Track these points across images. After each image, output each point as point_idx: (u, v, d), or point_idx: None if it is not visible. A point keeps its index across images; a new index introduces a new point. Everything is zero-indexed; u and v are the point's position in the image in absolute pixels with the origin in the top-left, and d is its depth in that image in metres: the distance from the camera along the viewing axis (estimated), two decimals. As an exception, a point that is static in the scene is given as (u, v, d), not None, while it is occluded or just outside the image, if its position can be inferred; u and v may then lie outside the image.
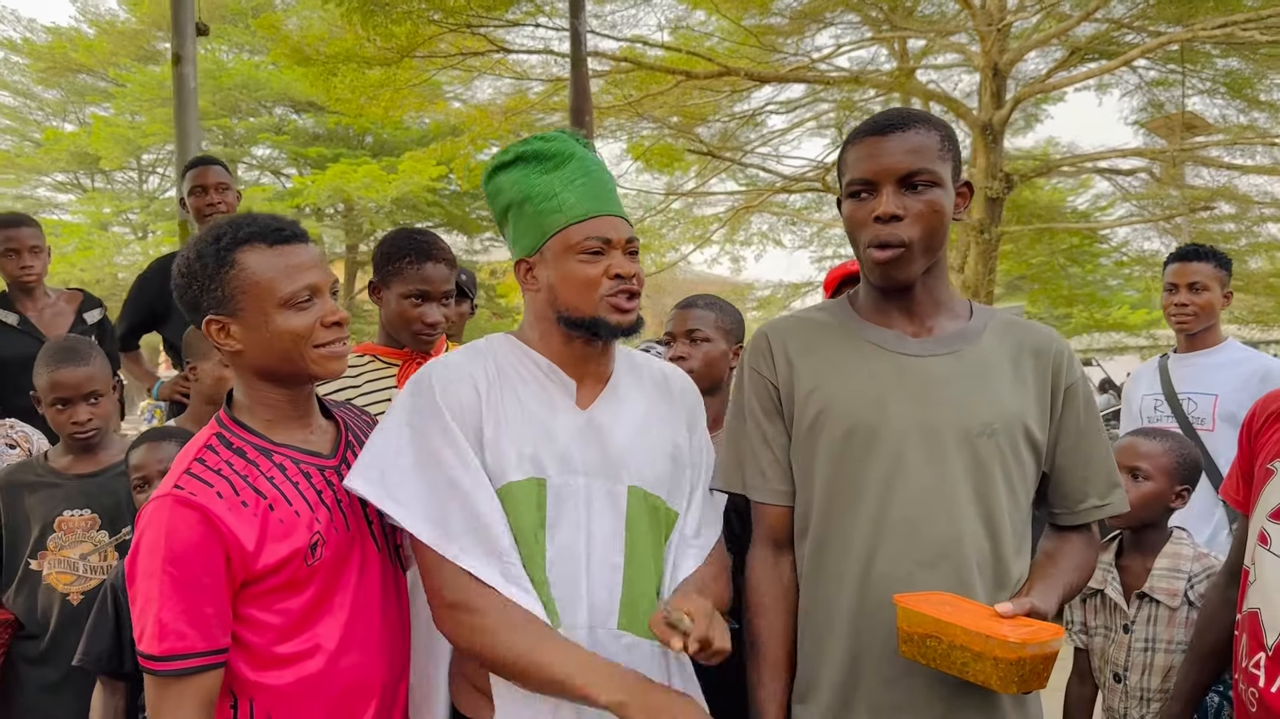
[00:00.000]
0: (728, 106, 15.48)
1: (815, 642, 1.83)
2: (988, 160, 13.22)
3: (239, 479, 1.67)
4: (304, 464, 1.76)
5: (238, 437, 1.75)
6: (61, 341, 2.74)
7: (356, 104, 13.21)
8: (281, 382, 1.77)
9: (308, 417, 1.83)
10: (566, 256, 1.77)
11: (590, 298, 1.77)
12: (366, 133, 21.11)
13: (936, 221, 1.75)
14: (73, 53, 21.64)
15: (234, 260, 1.70)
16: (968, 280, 13.65)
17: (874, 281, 1.84)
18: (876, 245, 1.75)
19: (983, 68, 13.32)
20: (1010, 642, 1.47)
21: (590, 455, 1.78)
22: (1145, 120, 14.93)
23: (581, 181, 1.79)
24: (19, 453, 2.98)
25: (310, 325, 1.72)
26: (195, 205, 4.12)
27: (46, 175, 24.02)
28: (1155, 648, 2.45)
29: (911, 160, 1.73)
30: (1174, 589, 2.43)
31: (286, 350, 1.71)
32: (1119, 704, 2.51)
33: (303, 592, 1.69)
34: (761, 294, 20.05)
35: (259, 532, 1.64)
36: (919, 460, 1.75)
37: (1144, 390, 3.68)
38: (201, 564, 1.59)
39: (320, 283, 1.74)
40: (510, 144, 1.86)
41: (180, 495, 1.61)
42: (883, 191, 1.74)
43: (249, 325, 1.71)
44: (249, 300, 1.70)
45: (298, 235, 1.76)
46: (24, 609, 2.60)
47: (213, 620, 1.61)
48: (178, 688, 1.58)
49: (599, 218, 1.78)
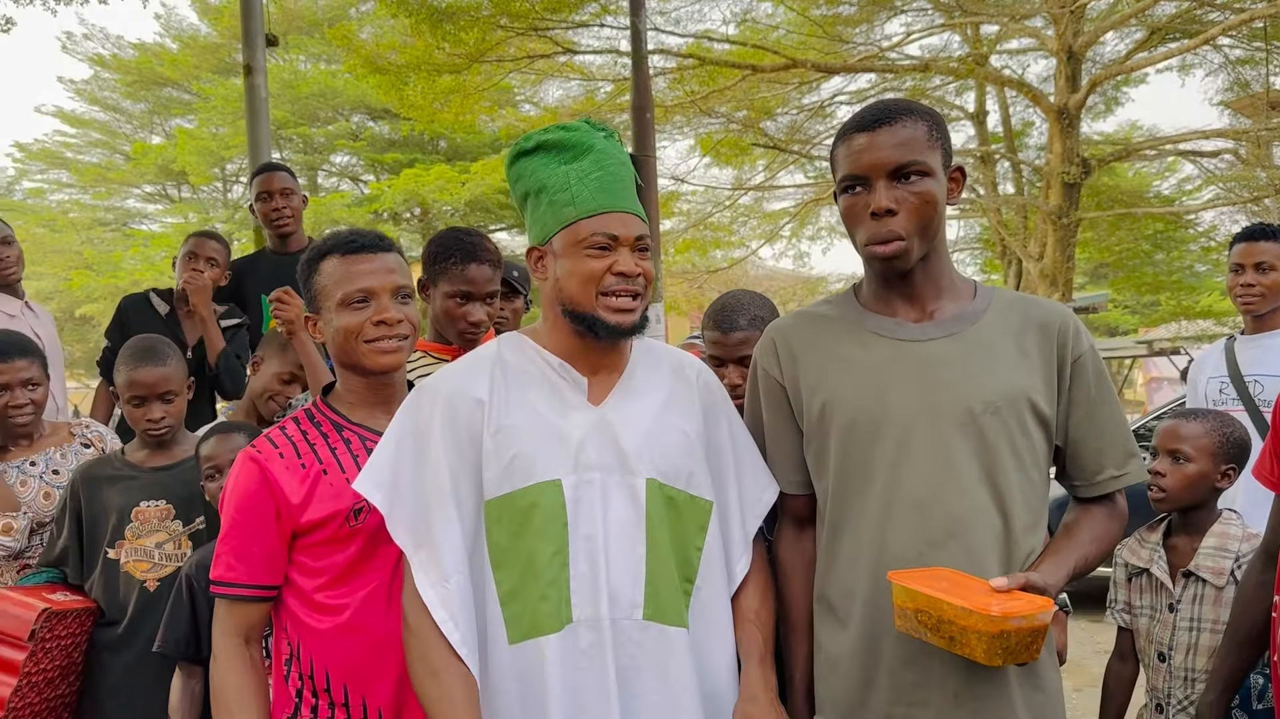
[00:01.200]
0: (796, 99, 15.40)
1: (835, 623, 1.88)
2: (1064, 145, 12.95)
3: (305, 445, 1.96)
4: (370, 442, 1.97)
5: (321, 414, 2.04)
6: (145, 340, 2.86)
7: (429, 110, 13.45)
8: (353, 369, 2.02)
9: (390, 404, 2.02)
10: (574, 250, 1.79)
11: (590, 293, 1.78)
12: (440, 138, 21.42)
13: (930, 211, 1.78)
14: (158, 67, 22.33)
15: (318, 268, 2.03)
16: (1046, 269, 13.39)
17: (876, 273, 1.88)
18: (875, 241, 1.79)
19: (1057, 51, 13.06)
20: (992, 614, 1.50)
21: (605, 452, 1.80)
22: (1230, 100, 14.49)
23: (596, 175, 1.80)
24: (93, 452, 3.12)
25: (360, 323, 1.96)
26: (262, 211, 4.24)
27: (136, 187, 24.82)
28: (1200, 627, 2.42)
29: (900, 154, 1.76)
30: (1220, 568, 2.41)
31: (344, 344, 1.98)
32: (1163, 684, 2.49)
33: (345, 549, 1.91)
34: (835, 287, 19.91)
35: (308, 490, 1.91)
36: (924, 443, 1.79)
37: (1209, 373, 3.59)
38: (254, 511, 1.91)
39: (376, 287, 1.97)
40: (534, 131, 1.88)
41: (250, 452, 1.94)
42: (875, 186, 1.77)
43: (325, 321, 2.02)
44: (322, 300, 2.02)
45: (368, 246, 2.01)
46: (104, 596, 2.72)
47: (259, 560, 1.92)
48: (225, 608, 1.94)
49: (608, 214, 1.79)
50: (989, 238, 18.84)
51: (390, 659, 1.88)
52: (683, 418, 1.90)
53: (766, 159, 16.39)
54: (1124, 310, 23.98)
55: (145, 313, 4.00)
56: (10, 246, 3.89)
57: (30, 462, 3.01)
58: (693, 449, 1.88)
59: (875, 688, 1.81)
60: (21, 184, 25.68)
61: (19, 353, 2.97)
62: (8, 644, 2.51)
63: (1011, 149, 16.64)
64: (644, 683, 1.75)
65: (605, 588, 1.75)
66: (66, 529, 2.77)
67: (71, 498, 2.77)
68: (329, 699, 1.90)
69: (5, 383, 2.93)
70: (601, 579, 1.75)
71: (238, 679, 1.88)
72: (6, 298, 3.88)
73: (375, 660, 1.90)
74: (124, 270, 20.61)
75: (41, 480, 2.99)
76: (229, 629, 1.92)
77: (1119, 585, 2.64)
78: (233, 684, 1.88)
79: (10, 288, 3.92)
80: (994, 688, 1.75)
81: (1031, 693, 1.79)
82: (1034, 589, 1.62)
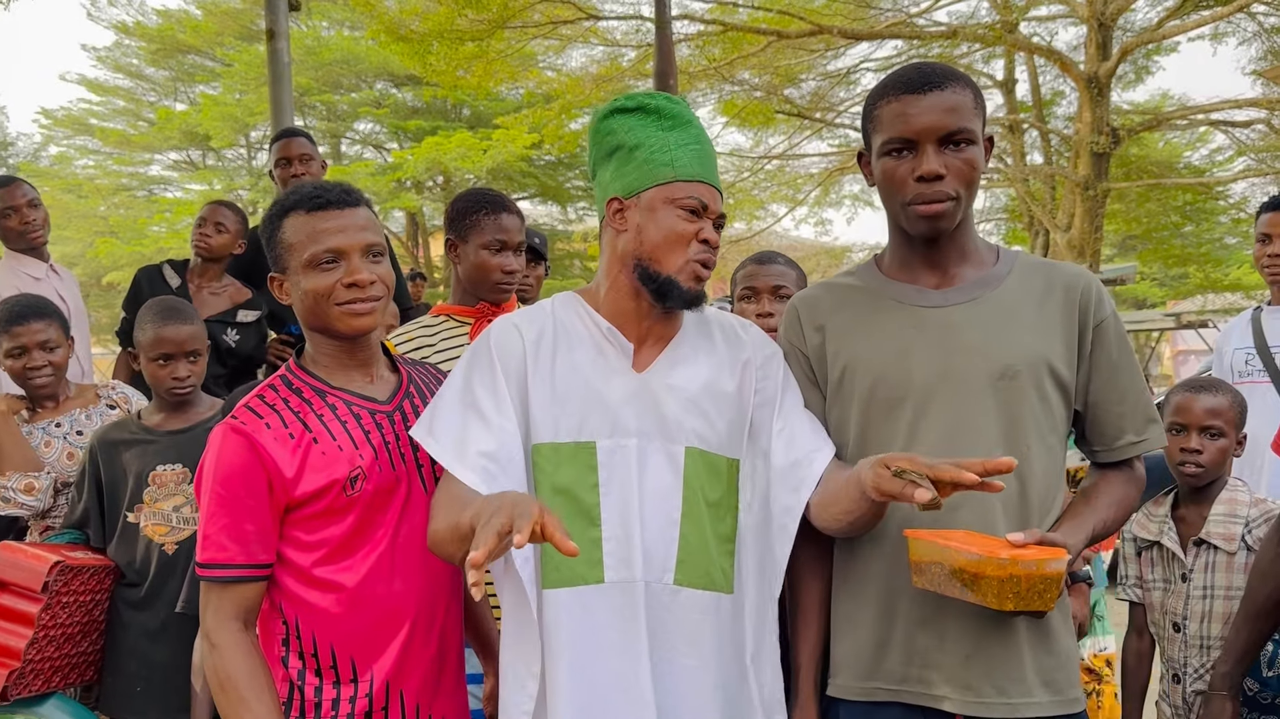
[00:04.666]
0: (820, 65, 15.23)
1: (854, 586, 1.89)
2: (1093, 114, 12.77)
3: (290, 414, 1.84)
4: (355, 406, 1.90)
5: (299, 379, 1.92)
6: (166, 300, 2.89)
7: (453, 76, 13.38)
8: (324, 333, 1.90)
9: (368, 366, 1.96)
10: (666, 208, 1.82)
11: (676, 254, 1.82)
12: (463, 105, 21.34)
13: (974, 177, 1.81)
14: (180, 34, 22.26)
15: (281, 224, 1.88)
16: (1073, 240, 13.24)
17: (916, 234, 1.86)
18: (922, 201, 1.79)
19: (1088, 18, 12.85)
20: (1000, 558, 1.54)
21: (645, 419, 1.82)
22: (1264, 69, 14.21)
23: (694, 147, 1.86)
24: (118, 413, 3.14)
25: (330, 285, 1.83)
26: (281, 176, 4.26)
27: (160, 154, 24.88)
28: (1214, 594, 2.45)
29: (952, 119, 1.76)
30: (1231, 534, 2.44)
31: (313, 307, 1.86)
32: (1178, 654, 2.51)
33: (342, 520, 1.83)
34: (859, 255, 19.77)
35: (300, 461, 1.81)
36: (943, 407, 1.81)
37: (1235, 344, 3.58)
38: (244, 485, 1.78)
39: (345, 245, 1.83)
40: (631, 94, 1.92)
41: (233, 424, 1.81)
42: (924, 150, 1.77)
43: (292, 283, 1.88)
44: (289, 260, 1.87)
45: (335, 201, 1.86)
46: (124, 558, 2.76)
47: (252, 537, 1.79)
48: (218, 593, 1.79)
49: (703, 183, 1.85)
50: (1015, 208, 18.64)
51: (394, 627, 1.86)
52: (731, 382, 1.90)
53: (789, 126, 16.24)
54: (1152, 283, 23.72)
55: (159, 285, 4.03)
56: (37, 210, 3.93)
57: (55, 423, 3.05)
58: (740, 416, 1.90)
59: (891, 648, 1.83)
60: (48, 150, 25.82)
61: (36, 315, 3.00)
62: (23, 596, 2.54)
63: (1040, 118, 16.41)
64: (675, 647, 1.78)
65: (639, 551, 1.77)
66: (86, 492, 2.81)
67: (90, 462, 2.80)
68: (334, 677, 1.83)
69: (23, 345, 2.96)
70: (635, 542, 1.77)
71: (246, 665, 1.76)
72: (32, 260, 3.91)
73: (380, 631, 1.86)
74: (149, 237, 20.71)
75: (65, 441, 3.02)
76: (227, 614, 1.78)
77: (1129, 560, 2.65)
78: (243, 671, 1.75)
79: (36, 251, 3.96)
80: (1005, 650, 1.77)
81: (1043, 656, 1.80)
82: (1050, 545, 1.64)
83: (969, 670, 1.77)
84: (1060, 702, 1.79)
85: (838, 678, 1.90)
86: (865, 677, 1.86)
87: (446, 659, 1.96)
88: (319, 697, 1.83)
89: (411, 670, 1.88)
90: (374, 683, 1.84)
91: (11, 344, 2.97)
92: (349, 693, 1.84)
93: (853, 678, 1.87)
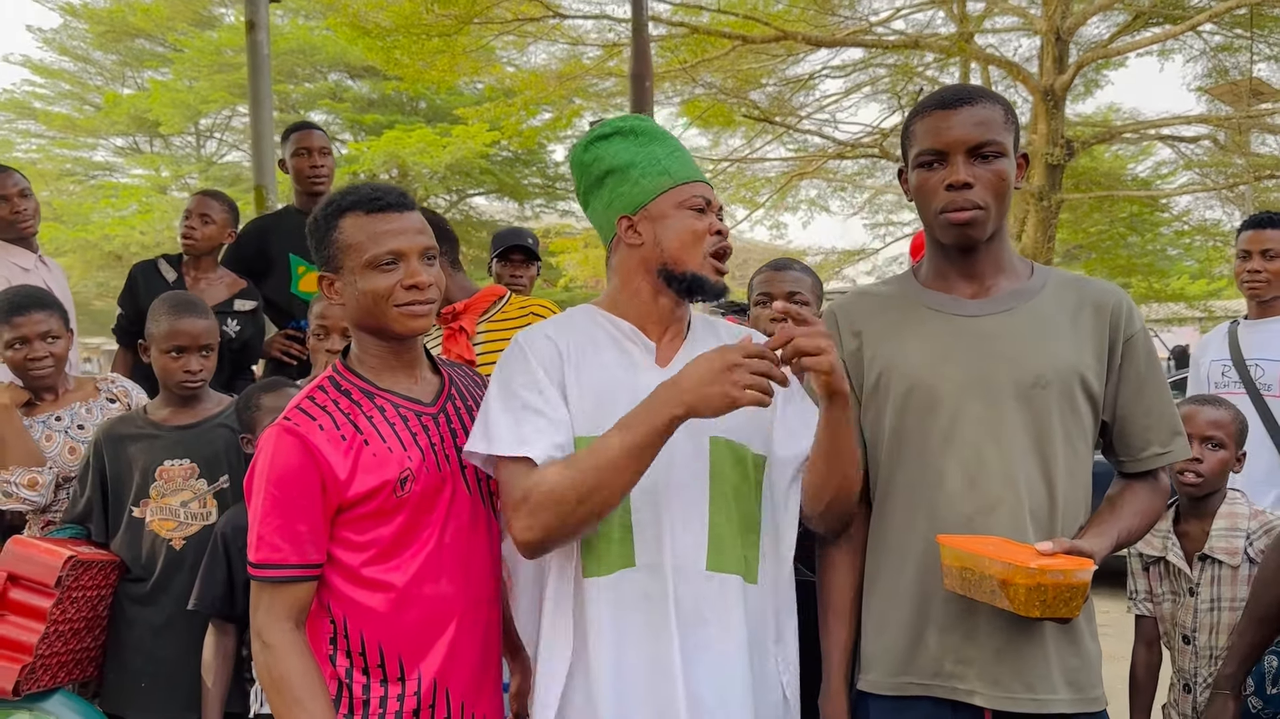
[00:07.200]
0: (781, 70, 15.35)
1: (886, 587, 1.97)
2: (1048, 126, 13.02)
3: (341, 416, 1.87)
4: (403, 408, 1.93)
5: (347, 380, 1.94)
6: (180, 294, 2.87)
7: (415, 70, 13.28)
8: (376, 334, 1.93)
9: (413, 368, 1.99)
10: (676, 211, 1.92)
11: (696, 251, 1.91)
12: (420, 98, 21.17)
13: (1004, 188, 1.89)
14: (130, 17, 21.80)
15: (337, 225, 1.90)
16: (1025, 248, 13.49)
17: (948, 243, 1.94)
18: (952, 209, 1.87)
19: (1045, 32, 13.09)
20: (1029, 567, 1.62)
21: None
22: (1209, 86, 14.61)
23: (679, 153, 1.98)
24: (119, 407, 3.11)
25: (390, 287, 1.86)
26: (298, 167, 4.23)
27: (105, 139, 24.37)
28: (1220, 607, 2.54)
29: (980, 132, 1.85)
30: (1233, 548, 2.52)
31: (370, 308, 1.88)
32: (1189, 665, 2.59)
33: (392, 521, 1.86)
34: (813, 260, 19.93)
35: (352, 463, 1.83)
36: (976, 414, 1.88)
37: (1212, 356, 3.69)
38: (298, 486, 1.80)
39: (405, 248, 1.87)
40: (604, 122, 2.03)
41: (286, 425, 1.83)
42: (953, 161, 1.86)
43: (346, 283, 1.90)
44: (345, 260, 1.89)
45: (393, 204, 1.89)
46: (129, 553, 2.73)
47: (305, 538, 1.81)
48: (270, 593, 1.81)
49: (699, 183, 1.96)
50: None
51: (441, 626, 1.88)
52: None
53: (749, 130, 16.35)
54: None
55: (154, 279, 3.98)
56: (27, 200, 3.86)
57: (56, 416, 3.01)
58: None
59: (923, 646, 1.90)
60: (-11, 134, 25.16)
61: (37, 306, 2.97)
62: (35, 591, 2.53)
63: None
64: (706, 632, 1.83)
65: (669, 537, 1.83)
66: (90, 487, 2.78)
67: (95, 456, 2.78)
68: (382, 674, 1.85)
69: (23, 336, 2.93)
70: (665, 529, 1.83)
71: (301, 665, 1.77)
72: (21, 251, 3.85)
73: (428, 630, 1.88)
74: (94, 224, 20.29)
75: (66, 435, 2.99)
76: (279, 614, 1.79)
77: (1137, 576, 2.73)
78: (297, 671, 1.76)
79: (25, 241, 3.89)
80: (1033, 648, 1.85)
81: (1069, 657, 1.87)
82: (1076, 553, 1.72)
83: (1000, 666, 1.84)
84: (1083, 700, 1.87)
85: (869, 674, 1.97)
86: (898, 672, 1.92)
87: (489, 659, 1.99)
88: (367, 694, 1.84)
89: (458, 669, 1.90)
90: (422, 681, 1.86)
91: (12, 335, 2.93)
92: (397, 691, 1.85)
93: (885, 673, 1.94)
